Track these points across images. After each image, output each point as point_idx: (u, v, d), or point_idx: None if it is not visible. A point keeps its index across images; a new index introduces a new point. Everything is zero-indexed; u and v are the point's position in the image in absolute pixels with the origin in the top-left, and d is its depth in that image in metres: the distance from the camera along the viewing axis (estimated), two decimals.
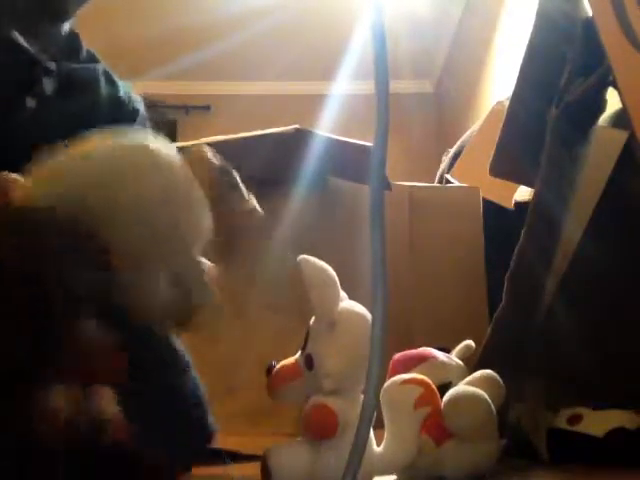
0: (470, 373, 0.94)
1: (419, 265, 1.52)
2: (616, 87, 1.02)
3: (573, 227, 1.06)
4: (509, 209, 1.57)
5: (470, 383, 0.89)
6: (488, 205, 1.60)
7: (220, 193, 0.71)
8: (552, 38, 1.17)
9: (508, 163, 1.30)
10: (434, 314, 1.46)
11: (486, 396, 0.82)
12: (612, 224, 1.04)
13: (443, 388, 0.86)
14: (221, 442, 1.16)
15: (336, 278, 0.80)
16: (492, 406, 0.82)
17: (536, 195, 1.16)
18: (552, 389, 1.02)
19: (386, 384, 0.82)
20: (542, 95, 1.17)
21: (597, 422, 0.93)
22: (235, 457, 1.07)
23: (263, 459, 0.78)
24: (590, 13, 1.14)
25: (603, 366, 1.00)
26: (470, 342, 1.03)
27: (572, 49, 1.12)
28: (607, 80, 1.09)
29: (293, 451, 0.79)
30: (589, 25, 1.12)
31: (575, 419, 0.95)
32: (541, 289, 1.07)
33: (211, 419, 0.86)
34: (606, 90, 1.13)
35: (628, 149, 1.02)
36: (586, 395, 0.99)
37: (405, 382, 0.81)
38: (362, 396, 0.68)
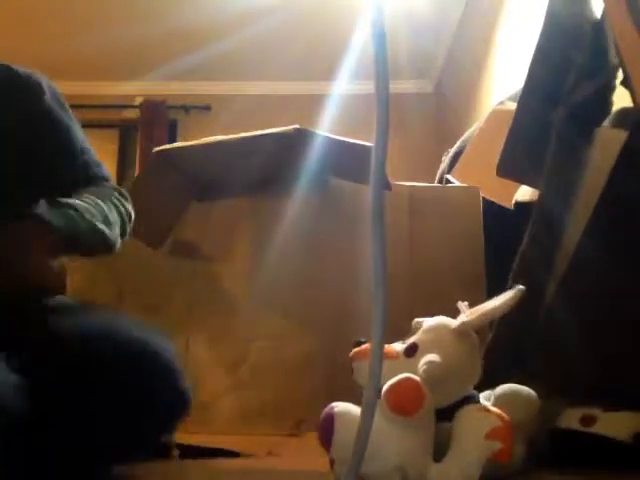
0: None
1: (419, 265, 1.52)
2: (627, 86, 1.02)
3: (574, 228, 1.06)
4: (509, 209, 1.57)
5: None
6: (488, 205, 1.60)
7: None
8: (560, 40, 1.17)
9: (515, 164, 1.30)
10: (434, 313, 1.45)
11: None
12: (611, 224, 1.04)
13: None
14: (221, 442, 1.17)
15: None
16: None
17: (540, 197, 1.16)
18: (552, 389, 1.02)
19: (466, 408, 0.79)
20: (550, 97, 1.17)
21: (615, 424, 0.93)
22: (235, 457, 1.07)
23: (329, 416, 0.76)
24: (598, 15, 1.14)
25: (603, 366, 1.00)
26: None
27: (579, 51, 1.12)
28: (613, 82, 1.09)
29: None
30: (597, 27, 1.12)
31: (588, 420, 0.95)
32: (542, 290, 1.07)
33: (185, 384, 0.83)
34: (612, 92, 1.13)
35: (627, 149, 1.02)
36: (586, 395, 0.99)
37: (485, 411, 0.78)
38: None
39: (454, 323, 0.82)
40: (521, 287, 0.80)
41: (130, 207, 1.05)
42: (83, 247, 0.91)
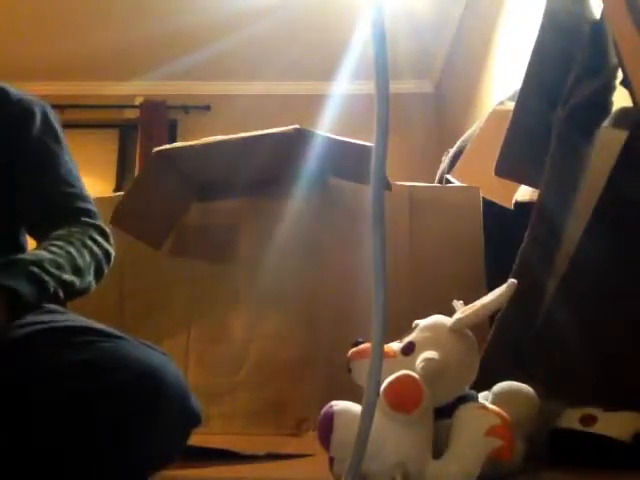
0: None
1: (419, 265, 1.52)
2: (627, 86, 1.02)
3: (574, 228, 1.06)
4: (509, 209, 1.57)
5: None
6: (488, 205, 1.60)
7: None
8: (559, 39, 1.17)
9: (514, 164, 1.30)
10: (433, 313, 1.45)
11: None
12: (611, 224, 1.04)
13: None
14: (221, 442, 1.17)
15: None
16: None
17: (540, 197, 1.16)
18: (552, 389, 1.02)
19: (465, 406, 0.79)
20: (548, 96, 1.17)
21: (615, 424, 0.92)
22: (235, 457, 1.07)
23: (328, 415, 0.76)
24: (598, 14, 1.14)
25: (603, 366, 1.00)
26: None
27: (578, 51, 1.12)
28: (613, 82, 1.09)
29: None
30: (597, 27, 1.12)
31: (588, 420, 0.95)
32: (542, 290, 1.08)
33: (195, 402, 0.80)
34: (612, 92, 1.13)
35: (627, 149, 1.02)
36: (586, 395, 0.99)
37: (484, 409, 0.78)
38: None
39: (450, 321, 0.82)
40: (513, 281, 0.80)
41: (110, 246, 1.02)
42: (47, 300, 0.88)
